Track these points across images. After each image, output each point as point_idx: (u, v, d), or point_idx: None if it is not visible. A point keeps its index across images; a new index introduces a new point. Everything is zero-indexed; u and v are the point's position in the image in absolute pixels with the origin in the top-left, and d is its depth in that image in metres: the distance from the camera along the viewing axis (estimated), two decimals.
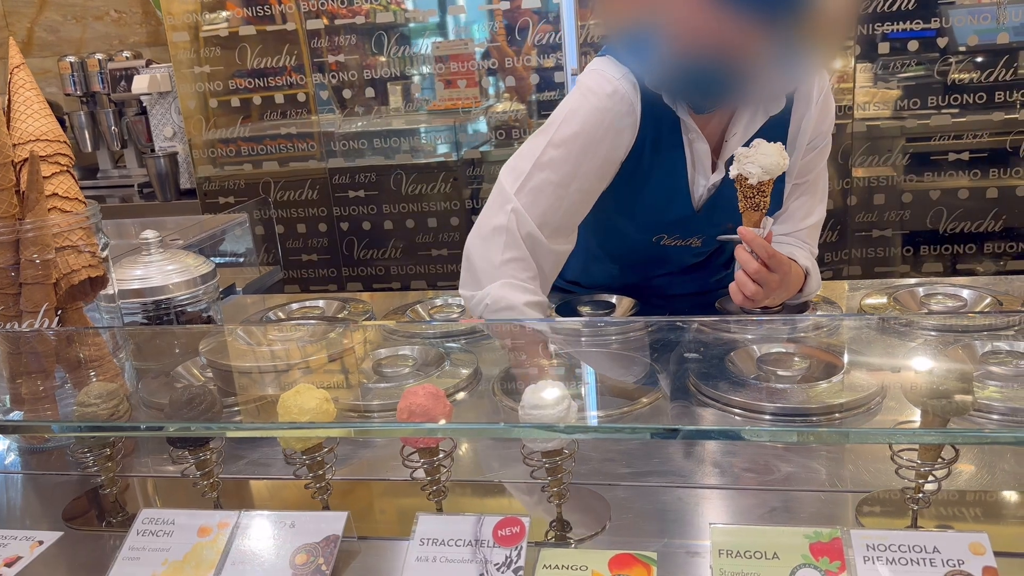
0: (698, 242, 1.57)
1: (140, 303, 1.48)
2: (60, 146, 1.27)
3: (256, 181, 3.37)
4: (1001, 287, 1.60)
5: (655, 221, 1.53)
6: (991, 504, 1.00)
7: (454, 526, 0.91)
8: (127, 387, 1.31)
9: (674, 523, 0.98)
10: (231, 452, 1.20)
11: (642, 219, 1.54)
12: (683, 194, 1.48)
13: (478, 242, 1.46)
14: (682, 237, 1.56)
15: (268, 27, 3.19)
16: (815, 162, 1.54)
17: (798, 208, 1.56)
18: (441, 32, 3.12)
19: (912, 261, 3.05)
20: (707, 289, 1.71)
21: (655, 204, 1.50)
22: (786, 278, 1.35)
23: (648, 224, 1.55)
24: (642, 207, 1.51)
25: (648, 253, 1.60)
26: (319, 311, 1.75)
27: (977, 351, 1.24)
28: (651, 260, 1.64)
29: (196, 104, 3.33)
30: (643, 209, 1.51)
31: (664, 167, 1.46)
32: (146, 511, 1.00)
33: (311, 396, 0.97)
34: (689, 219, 1.52)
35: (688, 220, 1.52)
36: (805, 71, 1.46)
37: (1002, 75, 2.80)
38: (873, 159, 2.97)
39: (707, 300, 1.63)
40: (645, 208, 1.51)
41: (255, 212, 2.47)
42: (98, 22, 4.06)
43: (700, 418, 1.18)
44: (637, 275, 1.69)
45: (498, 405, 1.23)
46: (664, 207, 1.50)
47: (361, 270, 3.40)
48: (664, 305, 1.63)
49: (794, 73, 1.44)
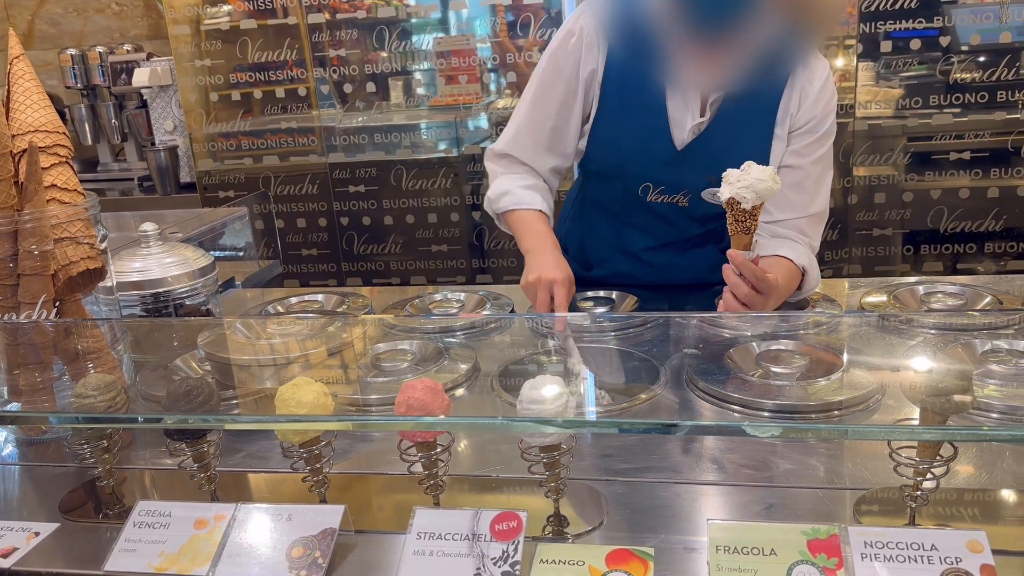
0: (684, 200, 1.59)
1: (139, 295, 1.47)
2: (59, 137, 1.26)
3: (256, 175, 3.36)
4: (1001, 286, 1.59)
5: (638, 159, 1.58)
6: (989, 503, 1.00)
7: (451, 520, 0.91)
8: (125, 379, 1.31)
9: (671, 519, 0.98)
10: (228, 445, 1.20)
11: (626, 154, 1.58)
12: (663, 130, 1.54)
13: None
14: (667, 192, 1.59)
15: (269, 21, 3.19)
16: (812, 148, 1.55)
17: (797, 195, 1.56)
18: (443, 27, 3.11)
19: (912, 260, 3.05)
20: (708, 282, 1.71)
21: (636, 137, 1.56)
22: (775, 293, 1.36)
23: (631, 162, 1.59)
24: (625, 139, 1.58)
25: (637, 208, 1.65)
26: (318, 305, 1.75)
27: (977, 350, 1.24)
28: (643, 222, 1.67)
29: (197, 98, 3.32)
30: (626, 141, 1.58)
31: (643, 99, 1.54)
32: (143, 503, 1.00)
33: (309, 389, 0.97)
34: (671, 162, 1.55)
35: (671, 164, 1.55)
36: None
37: (1004, 75, 2.79)
38: (874, 158, 2.96)
39: (708, 296, 1.63)
40: (627, 140, 1.57)
41: (255, 206, 2.46)
42: (99, 15, 4.05)
43: (698, 414, 1.18)
44: (632, 242, 1.71)
45: (496, 400, 1.23)
46: (645, 142, 1.56)
47: (361, 265, 3.40)
48: (665, 299, 1.63)
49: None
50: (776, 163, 1.54)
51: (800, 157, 1.55)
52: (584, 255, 1.78)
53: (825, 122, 1.54)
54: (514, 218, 1.63)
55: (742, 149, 1.49)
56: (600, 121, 1.60)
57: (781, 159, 1.55)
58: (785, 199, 1.55)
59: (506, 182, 1.66)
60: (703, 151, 1.54)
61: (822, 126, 1.54)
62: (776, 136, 1.54)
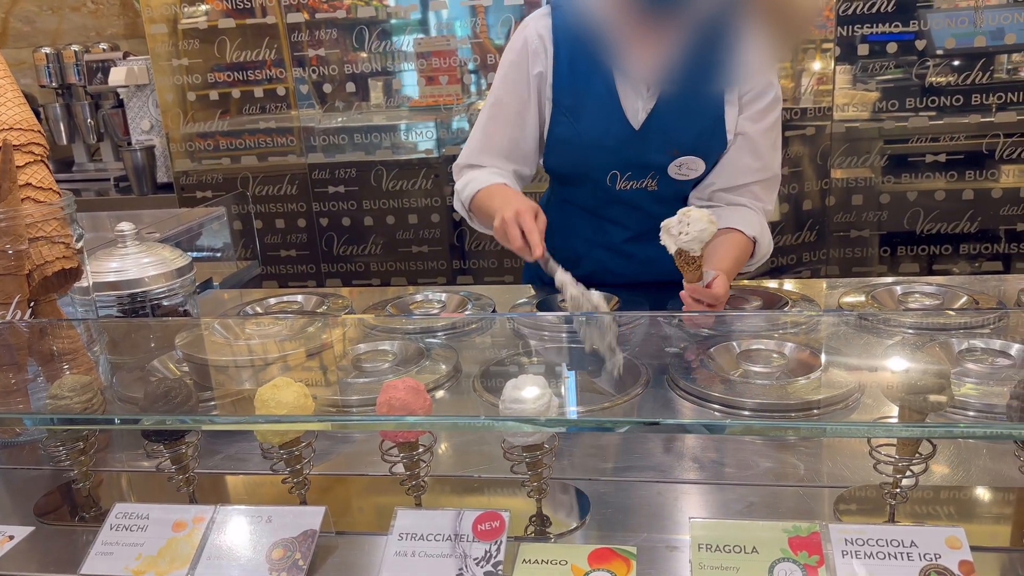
0: (653, 183, 1.63)
1: (115, 296, 1.45)
2: (34, 135, 1.25)
3: (234, 175, 3.34)
4: (977, 287, 1.61)
5: (600, 146, 1.62)
6: (967, 500, 1.01)
7: (433, 520, 0.91)
8: (101, 380, 1.29)
9: (654, 518, 0.98)
10: (207, 447, 1.19)
11: (588, 142, 1.63)
12: (618, 112, 1.59)
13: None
14: (635, 177, 1.63)
15: (248, 20, 3.16)
16: (763, 114, 1.61)
17: (753, 161, 1.62)
18: (423, 28, 3.10)
19: (889, 261, 3.08)
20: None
21: (594, 125, 1.61)
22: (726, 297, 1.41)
23: (594, 150, 1.62)
24: (585, 128, 1.62)
25: (610, 201, 1.68)
26: (298, 306, 1.74)
27: (954, 349, 1.25)
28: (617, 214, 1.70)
29: (174, 97, 3.29)
30: (586, 131, 1.62)
31: (594, 88, 1.61)
32: (120, 505, 0.98)
33: (289, 390, 0.96)
34: (632, 143, 1.60)
35: (631, 144, 1.60)
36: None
37: (979, 78, 2.83)
38: (852, 160, 2.99)
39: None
40: (587, 129, 1.62)
41: (233, 206, 2.44)
42: (75, 13, 4.00)
43: (679, 413, 1.18)
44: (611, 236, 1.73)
45: (479, 400, 1.23)
46: (604, 127, 1.61)
47: (340, 266, 3.38)
48: (647, 297, 1.64)
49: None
50: (732, 129, 1.61)
51: (752, 123, 1.61)
52: (566, 254, 1.79)
53: (768, 91, 1.61)
54: (481, 196, 1.63)
55: (698, 117, 1.58)
56: (557, 119, 1.64)
57: (736, 125, 1.61)
58: (742, 164, 1.62)
59: (469, 176, 1.70)
60: (661, 126, 1.59)
61: (769, 91, 1.61)
62: (728, 102, 1.60)
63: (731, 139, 1.61)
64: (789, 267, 3.12)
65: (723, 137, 1.61)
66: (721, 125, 1.60)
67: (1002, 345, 1.25)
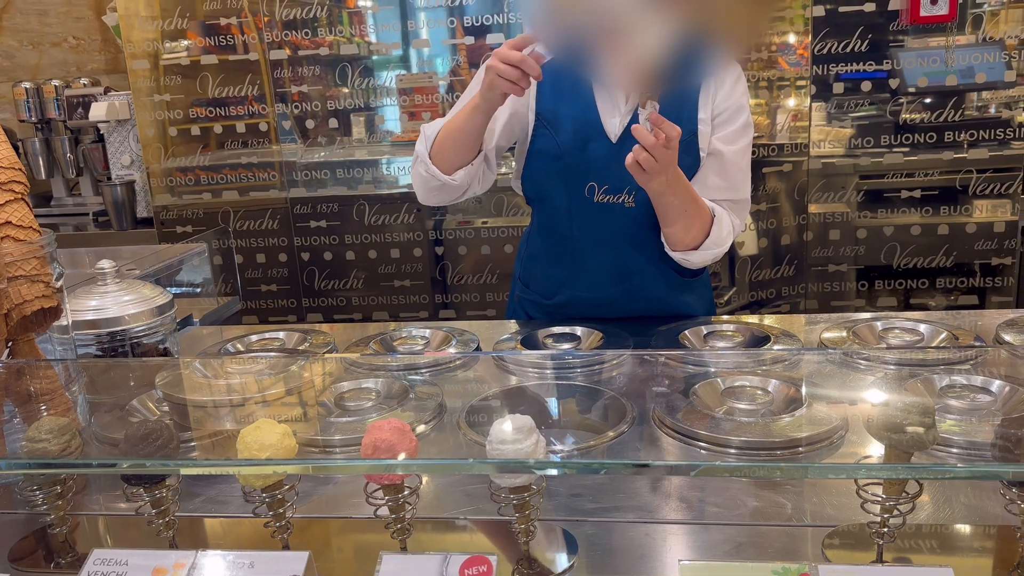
0: (631, 200, 1.64)
1: (94, 335, 1.43)
2: (15, 173, 1.24)
3: (215, 210, 3.32)
4: (954, 322, 1.63)
5: (578, 157, 1.64)
6: (954, 537, 1.01)
7: (419, 565, 0.89)
8: (79, 422, 1.27)
9: (642, 559, 0.98)
10: (187, 489, 1.16)
11: (567, 151, 1.64)
12: (597, 126, 1.63)
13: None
14: (611, 191, 1.64)
15: (230, 56, 3.17)
16: (734, 137, 1.65)
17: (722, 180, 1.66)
18: (404, 65, 3.13)
19: (867, 296, 3.11)
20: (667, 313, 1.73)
21: (574, 136, 1.64)
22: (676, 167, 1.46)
23: (573, 160, 1.64)
24: (564, 138, 1.64)
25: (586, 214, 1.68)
26: (279, 343, 1.72)
27: (936, 385, 1.26)
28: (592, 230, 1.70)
29: (155, 132, 3.28)
30: (565, 142, 1.64)
31: (576, 103, 1.64)
32: (97, 551, 0.96)
33: (271, 431, 0.95)
34: (609, 156, 1.61)
35: (609, 157, 1.61)
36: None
37: (951, 116, 2.89)
38: (828, 196, 3.03)
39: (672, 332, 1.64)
40: (566, 140, 1.64)
41: (214, 242, 2.43)
42: (55, 48, 4.00)
43: (666, 452, 1.18)
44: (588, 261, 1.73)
45: (463, 439, 1.22)
46: (583, 138, 1.64)
47: (322, 301, 3.36)
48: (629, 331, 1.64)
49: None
50: (705, 147, 1.64)
51: (724, 143, 1.65)
52: (544, 285, 1.80)
53: (742, 112, 1.66)
54: (449, 125, 1.62)
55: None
56: (539, 131, 1.67)
57: (709, 144, 1.65)
58: (712, 183, 1.66)
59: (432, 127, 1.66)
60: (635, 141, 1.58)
61: (740, 115, 1.65)
62: (701, 120, 1.64)
63: (703, 156, 1.65)
64: (769, 301, 3.15)
65: (696, 154, 1.64)
66: (694, 141, 1.63)
67: (983, 381, 1.26)
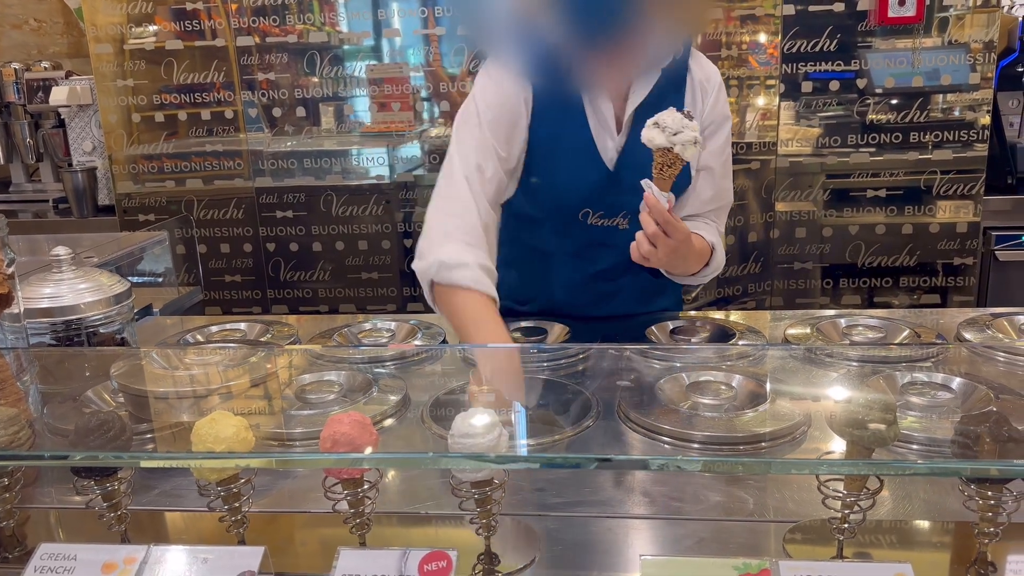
0: (624, 223, 1.61)
1: (48, 323, 1.40)
2: None
3: (179, 199, 3.26)
4: (916, 320, 1.65)
5: (575, 186, 1.60)
6: (914, 533, 1.01)
7: (377, 561, 0.88)
8: (30, 412, 1.23)
9: (604, 554, 0.97)
10: (141, 482, 1.14)
11: (563, 183, 1.61)
12: (593, 153, 1.58)
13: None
14: (606, 214, 1.62)
15: (197, 43, 3.11)
16: (720, 148, 1.66)
17: (711, 191, 1.67)
18: (375, 55, 3.09)
19: (832, 293, 3.14)
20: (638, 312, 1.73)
21: (570, 165, 1.60)
22: (684, 247, 1.42)
23: (569, 188, 1.61)
24: (560, 169, 1.60)
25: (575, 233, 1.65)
26: (241, 334, 1.69)
27: (897, 382, 1.27)
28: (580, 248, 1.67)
29: (118, 118, 3.21)
30: (561, 171, 1.60)
31: (570, 129, 1.58)
32: (45, 545, 0.93)
33: (228, 424, 0.92)
34: (606, 183, 1.59)
35: (605, 185, 1.59)
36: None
37: (916, 116, 2.93)
38: (795, 194, 3.05)
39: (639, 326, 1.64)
40: (563, 170, 1.60)
41: (176, 231, 2.38)
42: (16, 31, 3.90)
43: (630, 447, 1.17)
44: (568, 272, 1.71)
45: (427, 432, 1.20)
46: (580, 168, 1.59)
47: (287, 292, 3.32)
48: (597, 329, 1.63)
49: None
50: (695, 165, 1.63)
51: (714, 158, 1.65)
52: (516, 291, 1.76)
53: (727, 122, 1.66)
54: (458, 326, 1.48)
55: None
56: (532, 160, 1.59)
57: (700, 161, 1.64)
58: (704, 197, 1.66)
59: (458, 251, 1.48)
60: (632, 166, 1.56)
61: (725, 125, 1.66)
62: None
63: (694, 174, 1.63)
64: (735, 297, 3.17)
65: (688, 173, 1.62)
66: (687, 173, 1.61)
67: (944, 378, 1.27)
